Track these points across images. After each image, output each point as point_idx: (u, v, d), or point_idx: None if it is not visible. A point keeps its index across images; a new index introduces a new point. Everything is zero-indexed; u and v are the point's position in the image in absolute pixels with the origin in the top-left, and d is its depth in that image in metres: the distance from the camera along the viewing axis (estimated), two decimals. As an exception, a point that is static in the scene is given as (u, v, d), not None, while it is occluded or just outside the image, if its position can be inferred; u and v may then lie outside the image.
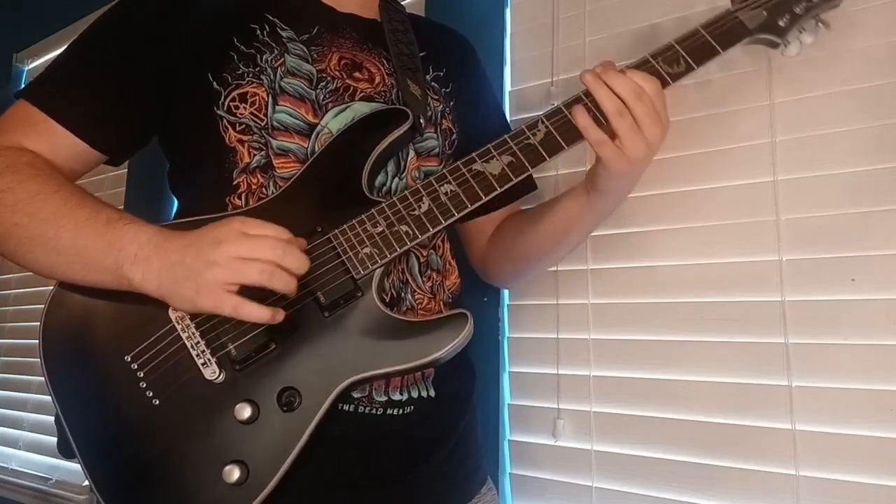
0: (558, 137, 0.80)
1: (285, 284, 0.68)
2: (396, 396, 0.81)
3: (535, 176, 0.96)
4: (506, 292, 1.21)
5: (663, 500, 0.98)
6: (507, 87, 1.27)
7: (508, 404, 1.18)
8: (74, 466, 1.85)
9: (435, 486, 0.85)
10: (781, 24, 0.84)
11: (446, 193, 0.78)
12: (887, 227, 0.86)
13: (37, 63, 2.42)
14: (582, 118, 0.77)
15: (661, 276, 1.03)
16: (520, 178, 0.79)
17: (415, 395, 0.83)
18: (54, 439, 0.78)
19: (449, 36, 1.06)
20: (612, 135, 0.77)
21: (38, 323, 0.77)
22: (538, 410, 1.12)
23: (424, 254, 0.87)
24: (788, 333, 0.91)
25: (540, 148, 0.80)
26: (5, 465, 2.07)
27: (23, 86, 0.80)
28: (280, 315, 0.69)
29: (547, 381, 1.11)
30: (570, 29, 1.19)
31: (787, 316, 0.92)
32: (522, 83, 1.25)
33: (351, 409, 0.78)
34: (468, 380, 0.95)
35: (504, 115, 1.12)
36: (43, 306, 0.78)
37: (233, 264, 0.66)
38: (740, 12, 0.84)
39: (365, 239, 0.76)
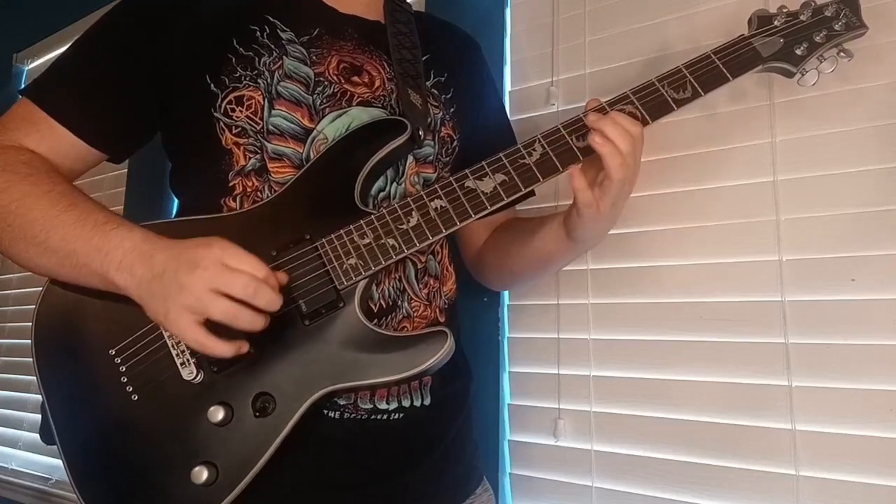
0: (554, 160, 0.79)
1: (250, 324, 0.67)
2: (383, 405, 0.80)
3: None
4: (506, 292, 1.21)
5: (663, 500, 0.98)
6: (507, 87, 1.27)
7: (508, 404, 1.17)
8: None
9: (428, 488, 0.85)
10: (798, 52, 0.81)
11: (436, 209, 0.78)
12: (887, 227, 0.86)
13: (37, 63, 2.42)
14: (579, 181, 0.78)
15: (661, 276, 1.03)
16: (511, 199, 0.79)
17: (406, 404, 0.82)
18: (54, 439, 0.78)
19: (453, 35, 1.05)
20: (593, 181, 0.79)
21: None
22: (538, 410, 1.12)
23: (423, 259, 0.86)
24: (788, 333, 0.91)
25: (535, 169, 0.79)
26: (5, 465, 2.07)
27: (23, 85, 0.81)
28: (244, 348, 0.68)
29: (547, 381, 1.11)
30: (570, 29, 1.19)
31: (787, 316, 0.92)
32: (522, 83, 1.25)
33: (336, 416, 0.78)
34: (464, 381, 0.94)
35: (505, 115, 1.12)
36: (37, 298, 0.79)
37: (202, 295, 0.65)
38: (755, 39, 0.82)
39: (351, 250, 0.75)
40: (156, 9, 0.82)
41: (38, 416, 0.78)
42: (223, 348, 0.67)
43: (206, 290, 0.65)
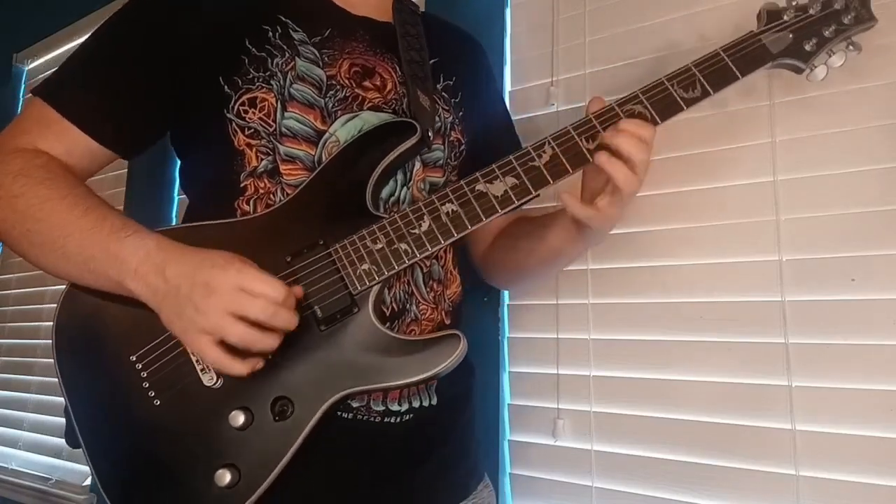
0: (565, 162, 0.78)
1: (267, 346, 0.69)
2: (395, 407, 0.81)
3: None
4: (506, 292, 1.21)
5: (663, 500, 0.98)
6: (507, 87, 1.27)
7: (508, 404, 1.18)
8: (74, 466, 1.85)
9: (435, 485, 0.86)
10: (808, 48, 0.81)
11: (447, 213, 0.78)
12: (887, 227, 0.87)
13: (37, 63, 2.42)
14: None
15: (661, 276, 1.03)
16: (522, 202, 0.78)
17: (416, 405, 0.83)
18: (54, 439, 0.79)
19: (459, 38, 1.05)
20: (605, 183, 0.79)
21: (40, 323, 0.78)
22: (538, 410, 1.12)
23: (427, 264, 0.87)
24: (788, 333, 0.91)
25: (545, 171, 0.78)
26: (5, 465, 2.07)
27: (24, 84, 0.81)
28: (260, 364, 0.70)
29: (547, 381, 1.11)
30: (570, 29, 1.19)
31: (787, 316, 0.92)
32: (522, 83, 1.25)
33: (349, 417, 0.78)
34: (468, 380, 0.95)
35: (508, 115, 1.11)
36: (56, 304, 0.79)
37: (219, 320, 0.66)
38: (764, 35, 0.81)
39: (364, 255, 0.76)
40: (166, 8, 0.81)
41: (39, 417, 0.79)
42: (240, 368, 0.69)
43: (222, 314, 0.66)
